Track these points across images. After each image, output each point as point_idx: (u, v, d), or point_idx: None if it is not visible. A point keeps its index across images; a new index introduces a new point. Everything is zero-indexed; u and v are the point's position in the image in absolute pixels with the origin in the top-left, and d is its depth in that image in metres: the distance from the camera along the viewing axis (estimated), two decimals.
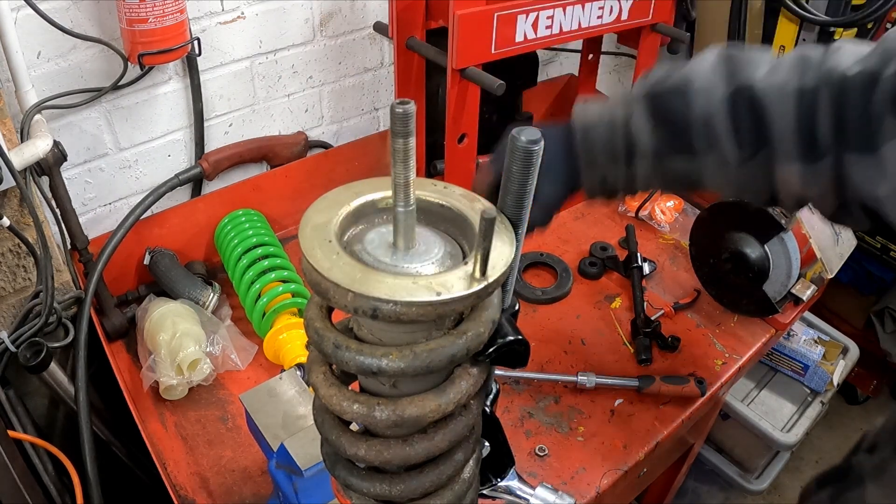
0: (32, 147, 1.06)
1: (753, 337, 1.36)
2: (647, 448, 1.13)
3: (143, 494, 1.37)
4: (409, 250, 0.40)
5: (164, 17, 1.14)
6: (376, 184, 0.44)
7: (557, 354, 1.29)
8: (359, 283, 0.36)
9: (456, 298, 0.36)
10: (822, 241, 1.27)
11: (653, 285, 1.46)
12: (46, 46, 1.16)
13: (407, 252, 0.40)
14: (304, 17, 1.46)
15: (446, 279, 0.37)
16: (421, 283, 0.37)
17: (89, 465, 1.12)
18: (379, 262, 0.40)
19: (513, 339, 0.43)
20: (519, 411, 1.19)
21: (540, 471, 1.10)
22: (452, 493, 0.49)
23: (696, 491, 2.23)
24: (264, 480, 1.07)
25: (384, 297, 0.36)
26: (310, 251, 0.39)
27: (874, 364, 2.43)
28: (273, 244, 1.36)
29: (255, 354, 1.26)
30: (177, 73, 1.34)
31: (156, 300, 1.28)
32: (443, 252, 0.41)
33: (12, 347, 1.11)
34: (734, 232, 1.29)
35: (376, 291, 0.36)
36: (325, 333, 0.41)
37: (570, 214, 1.65)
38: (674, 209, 1.63)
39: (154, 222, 1.36)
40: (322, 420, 0.46)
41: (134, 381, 1.21)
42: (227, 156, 1.45)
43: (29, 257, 1.15)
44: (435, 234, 0.42)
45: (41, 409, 1.31)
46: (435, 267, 0.40)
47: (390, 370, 0.39)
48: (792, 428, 1.94)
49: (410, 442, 0.44)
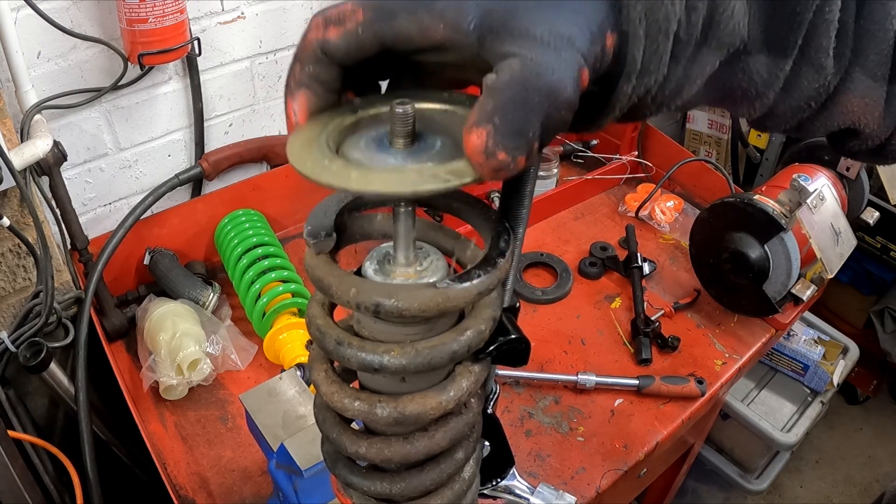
0: (32, 147, 1.06)
1: (753, 337, 1.36)
2: (647, 448, 1.13)
3: (143, 494, 1.37)
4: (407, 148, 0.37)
5: (164, 17, 1.14)
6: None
7: (557, 354, 1.29)
8: (355, 181, 0.33)
9: (467, 183, 0.33)
10: (822, 241, 1.27)
11: (653, 285, 1.46)
12: (46, 46, 1.16)
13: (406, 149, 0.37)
14: (304, 17, 1.46)
15: (454, 166, 0.34)
16: (426, 173, 0.34)
17: (89, 465, 1.12)
18: (373, 161, 0.37)
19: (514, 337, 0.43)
20: (519, 411, 1.19)
21: (540, 471, 1.10)
22: (453, 492, 0.49)
23: (696, 491, 2.23)
24: (264, 480, 1.07)
25: (389, 192, 0.33)
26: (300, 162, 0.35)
27: (874, 364, 2.44)
28: (273, 244, 1.36)
29: (255, 354, 1.26)
30: (177, 73, 1.34)
31: (156, 300, 1.28)
32: (441, 144, 0.38)
33: (12, 347, 1.11)
34: (734, 232, 1.29)
35: (376, 186, 0.33)
36: (327, 330, 0.41)
37: (570, 214, 1.65)
38: (674, 209, 1.63)
39: (154, 222, 1.36)
40: (323, 418, 0.46)
41: (134, 381, 1.21)
42: (227, 156, 1.45)
43: (29, 257, 1.15)
44: (434, 133, 0.38)
45: (41, 409, 1.31)
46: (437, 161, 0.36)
47: (392, 367, 0.39)
48: (792, 428, 1.94)
49: (411, 440, 0.44)
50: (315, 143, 0.36)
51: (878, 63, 0.39)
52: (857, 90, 0.40)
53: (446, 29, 0.33)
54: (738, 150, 2.34)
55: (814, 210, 1.26)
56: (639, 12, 0.34)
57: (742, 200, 1.27)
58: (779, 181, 1.36)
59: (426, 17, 0.34)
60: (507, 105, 0.31)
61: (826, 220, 1.28)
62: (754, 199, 1.25)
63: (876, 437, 2.53)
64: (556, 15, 0.32)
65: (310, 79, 0.37)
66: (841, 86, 0.40)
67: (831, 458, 2.47)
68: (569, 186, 1.63)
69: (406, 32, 0.34)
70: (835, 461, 2.46)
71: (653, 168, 1.74)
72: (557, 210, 1.64)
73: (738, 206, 1.28)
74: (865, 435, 2.54)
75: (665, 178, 1.64)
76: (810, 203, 1.24)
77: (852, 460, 2.46)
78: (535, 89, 0.31)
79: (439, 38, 0.34)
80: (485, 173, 0.32)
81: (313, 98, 0.37)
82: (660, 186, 1.62)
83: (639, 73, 0.35)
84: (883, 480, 2.41)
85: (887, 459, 2.47)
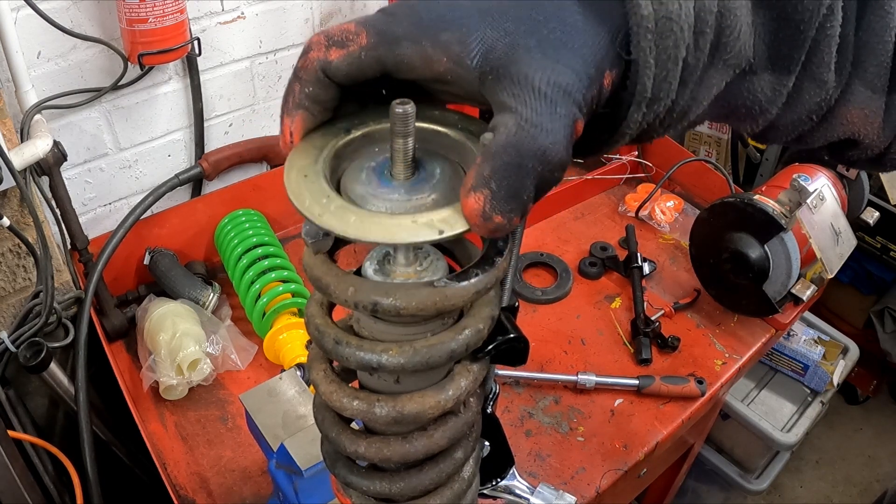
0: (32, 147, 1.06)
1: (753, 337, 1.36)
2: (647, 448, 1.13)
3: (143, 494, 1.37)
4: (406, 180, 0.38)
5: (164, 17, 1.14)
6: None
7: (557, 354, 1.29)
8: (353, 227, 0.34)
9: (460, 234, 0.34)
10: (822, 241, 1.27)
11: (653, 285, 1.46)
12: (46, 46, 1.16)
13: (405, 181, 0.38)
14: (304, 17, 1.46)
15: (448, 215, 0.34)
16: (421, 221, 0.34)
17: (89, 465, 1.12)
18: (374, 196, 0.37)
19: (513, 337, 0.43)
20: (519, 411, 1.19)
21: (540, 471, 1.10)
22: (452, 491, 0.49)
23: (696, 491, 2.23)
24: (264, 480, 1.07)
25: (385, 241, 0.34)
26: (299, 199, 0.36)
27: (874, 364, 2.43)
28: (273, 244, 1.36)
29: (255, 354, 1.26)
30: (177, 73, 1.34)
31: (156, 300, 1.28)
32: (440, 173, 0.38)
33: (12, 347, 1.11)
34: (734, 232, 1.29)
35: (373, 235, 0.34)
36: (326, 330, 0.41)
37: (570, 214, 1.65)
38: (674, 209, 1.63)
39: (154, 222, 1.36)
40: (322, 417, 0.46)
41: (134, 381, 1.21)
42: (227, 156, 1.45)
43: (29, 257, 1.15)
44: (434, 159, 0.39)
45: (41, 409, 1.31)
46: (436, 196, 0.37)
47: (390, 366, 0.39)
48: (792, 428, 1.94)
49: (410, 439, 0.44)
50: (312, 174, 0.37)
51: (877, 74, 0.40)
52: (857, 102, 0.40)
53: (449, 62, 0.34)
54: (738, 150, 2.34)
55: (814, 210, 1.26)
56: (649, 41, 0.33)
57: (742, 200, 1.27)
58: (779, 181, 1.36)
59: (430, 49, 0.34)
60: (503, 170, 0.32)
61: (826, 220, 1.28)
62: (754, 199, 1.25)
63: (876, 437, 2.53)
64: (556, 60, 0.32)
65: (309, 100, 0.37)
66: (841, 98, 0.40)
67: (831, 458, 2.47)
68: (569, 186, 1.63)
69: (409, 61, 0.34)
70: (835, 461, 2.46)
71: (653, 168, 1.74)
72: (557, 210, 1.64)
73: (738, 206, 1.28)
74: (865, 435, 2.54)
75: (665, 178, 1.64)
76: (810, 203, 1.24)
77: (852, 460, 2.46)
78: (530, 154, 0.32)
79: (442, 70, 0.34)
80: (482, 234, 0.34)
81: (310, 118, 0.38)
82: (660, 186, 1.62)
83: (649, 100, 0.35)
84: (883, 480, 2.41)
85: (887, 459, 2.47)
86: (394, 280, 0.41)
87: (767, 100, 0.39)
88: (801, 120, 0.41)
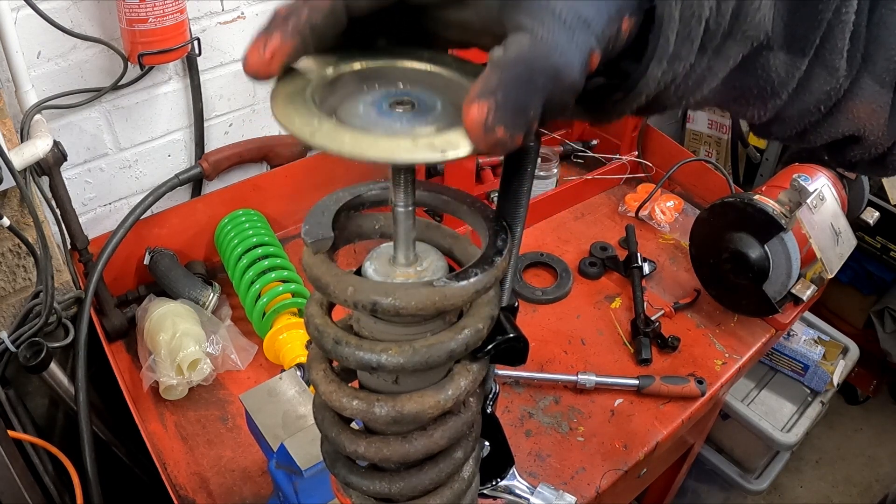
0: (32, 147, 1.06)
1: (753, 337, 1.36)
2: (647, 448, 1.13)
3: (143, 494, 1.37)
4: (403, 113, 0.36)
5: (164, 17, 1.14)
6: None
7: (557, 354, 1.29)
8: (349, 146, 0.32)
9: (462, 156, 0.32)
10: (822, 241, 1.27)
11: (653, 285, 1.46)
12: (46, 46, 1.16)
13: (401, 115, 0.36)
14: None
15: (450, 137, 0.33)
16: (422, 142, 0.32)
17: (89, 465, 1.12)
18: (373, 125, 0.35)
19: (512, 336, 0.43)
20: (519, 411, 1.19)
21: (540, 471, 1.10)
22: (452, 491, 0.49)
23: (696, 491, 2.23)
24: (264, 480, 1.07)
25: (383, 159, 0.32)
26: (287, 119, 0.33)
27: (874, 364, 2.44)
28: (273, 244, 1.36)
29: (255, 354, 1.26)
30: (177, 73, 1.34)
31: (156, 300, 1.28)
32: (441, 106, 0.36)
33: (12, 347, 1.11)
34: (734, 232, 1.29)
35: (371, 153, 0.32)
36: (326, 329, 0.41)
37: (570, 214, 1.65)
38: (674, 209, 1.63)
39: (154, 222, 1.36)
40: (322, 417, 0.46)
41: (134, 381, 1.21)
42: (227, 156, 1.45)
43: (29, 257, 1.15)
44: (429, 93, 0.37)
45: (41, 409, 1.31)
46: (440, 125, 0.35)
47: (390, 365, 0.39)
48: (792, 428, 1.94)
49: (410, 439, 0.44)
50: (300, 98, 0.34)
51: (887, 69, 0.39)
52: (865, 96, 0.40)
53: None
54: (738, 150, 2.34)
55: (814, 210, 1.26)
56: None
57: (742, 200, 1.27)
58: (779, 181, 1.36)
59: None
60: (511, 82, 0.31)
61: (826, 220, 1.28)
62: (754, 199, 1.25)
63: (876, 437, 2.53)
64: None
65: (311, 31, 0.34)
66: (849, 91, 0.40)
67: (831, 458, 2.47)
68: (569, 186, 1.63)
69: None
70: (835, 461, 2.46)
71: (653, 168, 1.74)
72: (557, 210, 1.64)
73: (738, 206, 1.28)
74: (865, 435, 2.54)
75: (665, 178, 1.64)
76: (810, 203, 1.24)
77: (852, 460, 2.46)
78: (541, 70, 0.31)
79: None
80: (482, 147, 0.32)
81: (300, 50, 0.34)
82: (660, 186, 1.62)
83: (670, 57, 0.34)
84: (883, 480, 2.41)
85: (887, 459, 2.47)
86: (393, 280, 0.41)
87: (780, 81, 0.39)
88: (809, 111, 0.41)
